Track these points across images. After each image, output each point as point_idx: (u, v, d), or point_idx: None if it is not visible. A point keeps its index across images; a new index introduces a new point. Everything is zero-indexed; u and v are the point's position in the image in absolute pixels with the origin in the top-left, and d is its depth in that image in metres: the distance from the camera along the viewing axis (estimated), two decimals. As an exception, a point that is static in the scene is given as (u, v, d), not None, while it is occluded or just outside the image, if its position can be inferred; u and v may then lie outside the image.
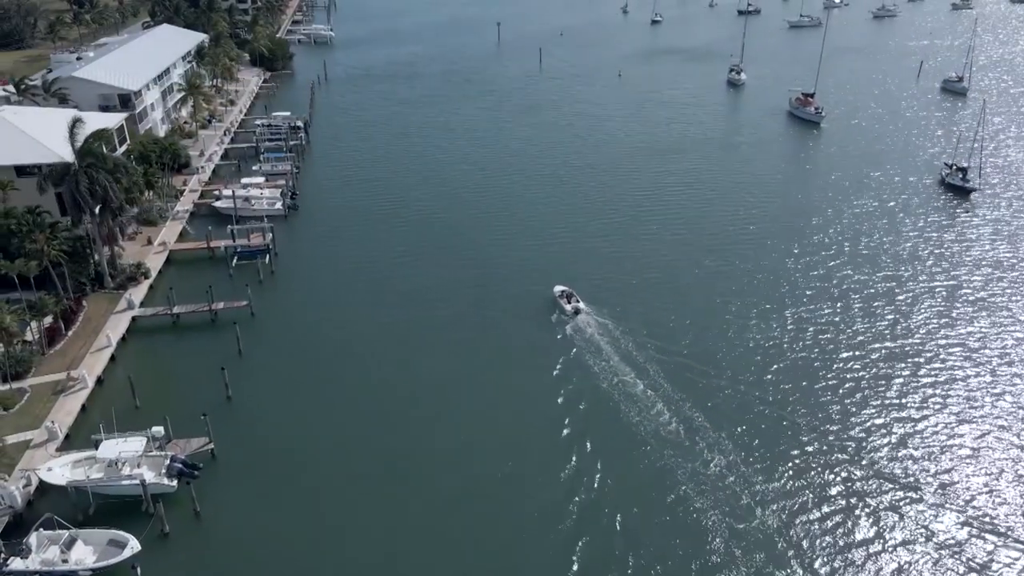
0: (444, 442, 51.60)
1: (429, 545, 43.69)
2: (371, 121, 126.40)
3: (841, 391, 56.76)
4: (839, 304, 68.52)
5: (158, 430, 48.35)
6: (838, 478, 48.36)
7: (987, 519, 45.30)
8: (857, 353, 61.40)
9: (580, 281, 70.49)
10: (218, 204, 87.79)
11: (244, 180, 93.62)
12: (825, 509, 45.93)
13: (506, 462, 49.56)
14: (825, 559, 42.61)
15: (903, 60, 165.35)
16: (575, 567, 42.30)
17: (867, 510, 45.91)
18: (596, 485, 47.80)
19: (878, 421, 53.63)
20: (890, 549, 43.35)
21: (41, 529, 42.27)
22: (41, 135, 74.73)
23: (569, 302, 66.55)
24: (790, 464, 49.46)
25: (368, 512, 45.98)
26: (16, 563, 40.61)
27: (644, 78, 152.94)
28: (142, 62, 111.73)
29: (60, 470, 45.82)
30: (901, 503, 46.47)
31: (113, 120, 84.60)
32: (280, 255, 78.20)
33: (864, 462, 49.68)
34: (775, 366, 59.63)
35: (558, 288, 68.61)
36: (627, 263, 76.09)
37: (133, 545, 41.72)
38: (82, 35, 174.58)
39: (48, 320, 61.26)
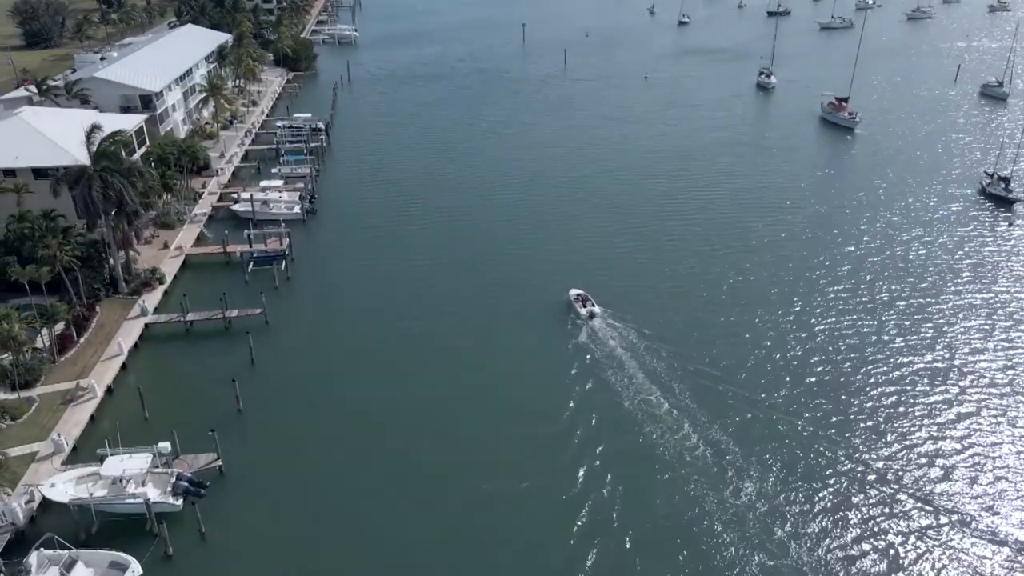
0: (458, 458, 49.67)
1: (442, 567, 41.77)
2: (393, 123, 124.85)
3: (877, 412, 53.98)
4: (873, 319, 65.58)
5: (164, 446, 46.73)
6: (876, 508, 45.63)
7: (1037, 559, 42.48)
8: (893, 372, 58.55)
9: (601, 288, 68.66)
10: (236, 207, 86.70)
11: (263, 183, 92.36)
12: (863, 543, 43.24)
13: (521, 480, 47.67)
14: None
15: (939, 63, 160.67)
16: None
17: (910, 544, 43.16)
18: (606, 493, 46.02)
19: (916, 445, 50.85)
20: (932, 590, 40.74)
21: (42, 548, 40.86)
22: (59, 137, 73.96)
23: (584, 306, 65.45)
24: (825, 492, 46.80)
25: (381, 531, 44.19)
26: (15, 584, 39.31)
27: (671, 80, 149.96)
28: (164, 62, 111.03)
29: (63, 486, 44.43)
30: (944, 534, 43.76)
31: (132, 122, 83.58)
32: (297, 260, 76.70)
33: (904, 491, 46.89)
34: (806, 383, 57.05)
35: (573, 292, 67.52)
36: (650, 270, 74.01)
37: (135, 568, 40.27)
38: (109, 34, 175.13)
39: (60, 327, 60.14)
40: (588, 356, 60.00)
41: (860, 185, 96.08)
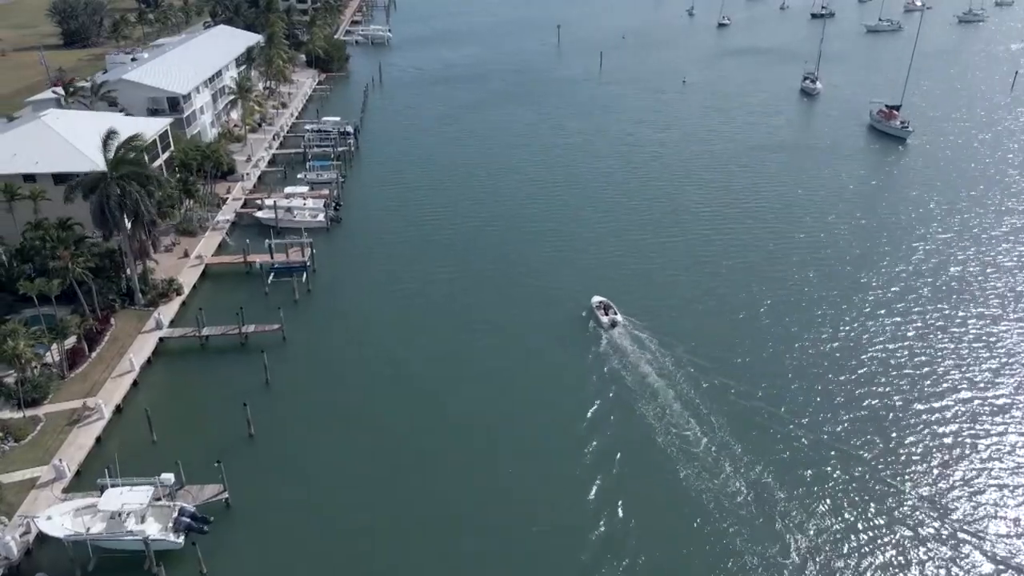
0: (477, 492, 46.57)
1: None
2: (423, 127, 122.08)
3: (935, 451, 49.63)
4: (926, 345, 60.99)
5: (168, 477, 43.97)
6: (942, 566, 41.33)
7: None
8: (949, 404, 54.14)
9: (628, 297, 66.37)
10: (260, 215, 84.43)
11: (288, 189, 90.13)
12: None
13: (537, 515, 44.43)
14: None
15: (994, 69, 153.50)
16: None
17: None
18: (623, 525, 41.94)
19: (981, 491, 46.36)
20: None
21: (33, 587, 38.63)
22: (80, 141, 72.31)
23: (606, 314, 63.14)
24: (881, 544, 42.56)
25: (397, 572, 41.07)
26: (3, 626, 36.98)
27: (710, 85, 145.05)
28: (194, 64, 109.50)
29: (59, 519, 41.92)
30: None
31: (156, 126, 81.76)
32: (318, 272, 74.05)
33: (972, 543, 42.49)
34: (856, 415, 52.96)
35: (596, 299, 65.41)
36: (683, 281, 71.02)
37: (129, 613, 37.69)
38: (146, 34, 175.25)
39: (71, 340, 58.10)
40: (607, 368, 57.58)
41: (912, 199, 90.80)
